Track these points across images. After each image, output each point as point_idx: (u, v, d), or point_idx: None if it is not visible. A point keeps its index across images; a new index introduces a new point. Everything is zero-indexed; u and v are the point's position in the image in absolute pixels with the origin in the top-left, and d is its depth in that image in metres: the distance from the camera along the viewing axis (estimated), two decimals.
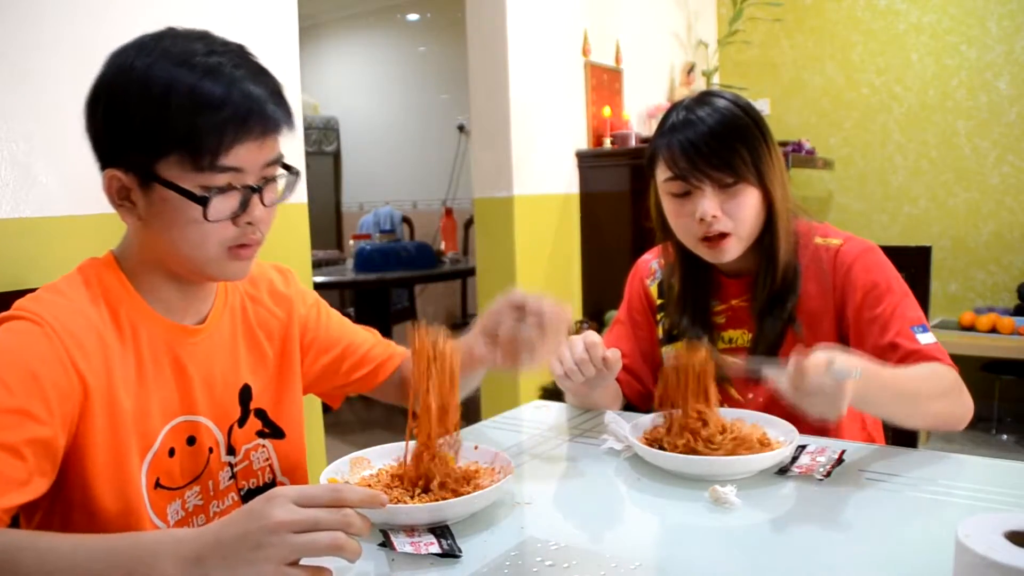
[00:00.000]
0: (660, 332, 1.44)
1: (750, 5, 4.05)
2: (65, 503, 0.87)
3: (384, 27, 5.78)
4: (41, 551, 0.69)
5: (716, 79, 4.17)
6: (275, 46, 1.98)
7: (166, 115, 0.83)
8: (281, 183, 0.96)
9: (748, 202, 1.24)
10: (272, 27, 1.96)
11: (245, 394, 1.04)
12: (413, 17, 5.66)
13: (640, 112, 3.75)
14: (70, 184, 1.53)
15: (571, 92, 3.27)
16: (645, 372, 1.44)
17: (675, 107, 1.30)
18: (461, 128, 5.28)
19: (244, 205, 0.89)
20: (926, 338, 1.20)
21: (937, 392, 1.13)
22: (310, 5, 5.25)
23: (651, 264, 1.49)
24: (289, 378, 1.10)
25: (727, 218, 1.24)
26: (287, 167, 0.95)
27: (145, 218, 0.89)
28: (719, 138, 1.22)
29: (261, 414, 1.06)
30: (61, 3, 1.52)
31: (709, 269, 1.36)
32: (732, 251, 1.27)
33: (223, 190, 0.87)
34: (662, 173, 1.28)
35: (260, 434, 1.06)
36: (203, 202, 0.86)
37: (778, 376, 0.99)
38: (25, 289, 1.20)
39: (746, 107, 1.27)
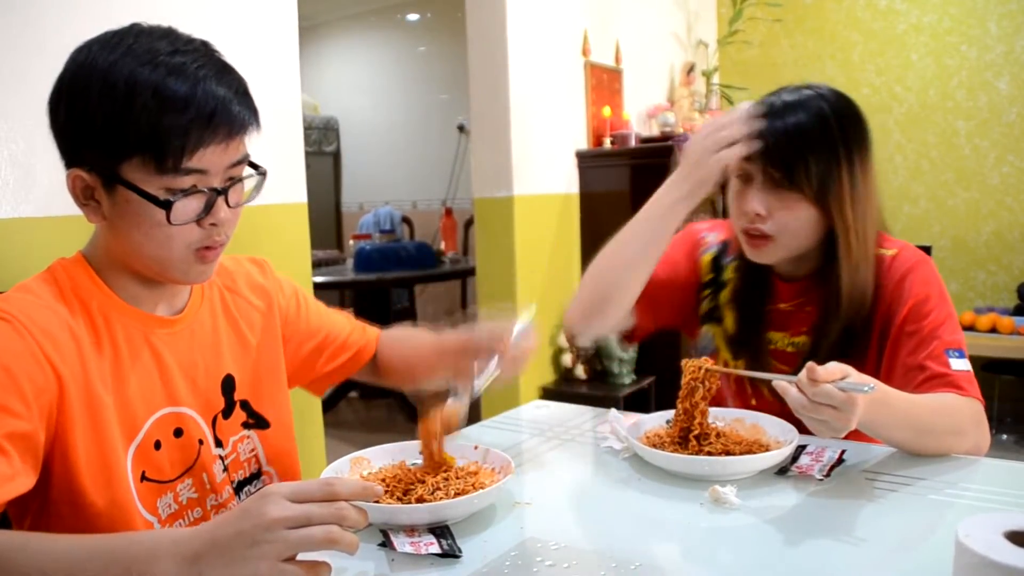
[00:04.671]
0: (704, 308, 1.39)
1: (750, 5, 4.05)
2: (53, 502, 0.87)
3: (384, 27, 5.78)
4: (36, 552, 0.69)
5: (716, 79, 4.17)
6: (275, 46, 1.98)
7: (129, 116, 0.82)
8: (249, 183, 0.95)
9: (798, 215, 1.18)
10: (272, 27, 1.96)
11: (228, 384, 1.03)
12: (413, 17, 5.66)
13: (640, 112, 3.75)
14: None
15: (571, 92, 3.27)
16: (663, 303, 1.37)
17: (783, 89, 1.23)
18: (461, 128, 5.28)
19: (208, 208, 0.89)
20: (958, 364, 1.14)
21: (951, 428, 1.08)
22: (310, 5, 5.25)
23: (705, 235, 1.42)
24: (273, 368, 1.10)
25: (773, 222, 1.18)
26: (254, 166, 0.94)
27: (110, 218, 0.89)
28: (790, 141, 1.15)
29: (245, 405, 1.06)
30: (61, 3, 1.52)
31: (765, 267, 1.31)
32: (771, 255, 1.22)
33: (187, 192, 0.86)
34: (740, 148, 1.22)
35: (245, 425, 1.06)
36: (166, 206, 0.85)
37: (787, 388, 0.95)
38: None
39: (844, 117, 1.18)
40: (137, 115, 0.82)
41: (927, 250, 1.76)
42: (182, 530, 0.70)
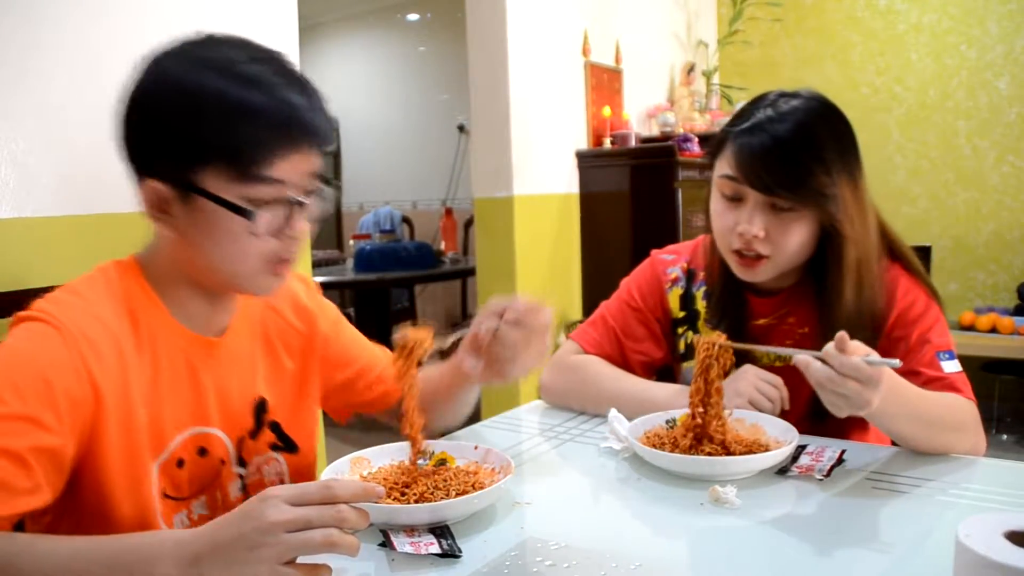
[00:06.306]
0: (682, 346, 1.38)
1: (750, 5, 4.05)
2: (78, 509, 0.86)
3: (384, 27, 5.78)
4: (39, 555, 0.69)
5: (716, 79, 4.17)
6: (275, 46, 1.97)
7: (206, 124, 0.82)
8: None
9: (797, 232, 1.15)
10: (272, 27, 1.96)
11: (260, 407, 1.02)
12: (413, 17, 5.66)
13: (640, 112, 3.75)
14: (70, 184, 1.53)
15: (571, 92, 3.27)
16: (642, 364, 1.40)
17: (760, 102, 1.18)
18: (461, 128, 5.28)
19: (288, 218, 0.88)
20: (950, 366, 1.15)
21: (955, 424, 1.09)
22: (310, 5, 5.25)
23: (671, 270, 1.39)
24: (307, 392, 1.08)
25: (770, 242, 1.15)
26: (325, 180, 0.93)
27: (183, 230, 0.87)
28: (791, 155, 1.11)
29: (275, 427, 1.04)
30: (61, 3, 1.52)
31: (737, 286, 1.28)
32: (764, 275, 1.20)
33: (267, 203, 0.85)
34: (721, 167, 1.19)
35: (274, 447, 1.04)
36: (249, 215, 0.84)
37: (810, 361, 0.93)
38: (25, 289, 1.20)
39: (834, 128, 1.15)
40: (215, 124, 0.82)
41: (927, 250, 1.75)
42: (183, 532, 0.70)
